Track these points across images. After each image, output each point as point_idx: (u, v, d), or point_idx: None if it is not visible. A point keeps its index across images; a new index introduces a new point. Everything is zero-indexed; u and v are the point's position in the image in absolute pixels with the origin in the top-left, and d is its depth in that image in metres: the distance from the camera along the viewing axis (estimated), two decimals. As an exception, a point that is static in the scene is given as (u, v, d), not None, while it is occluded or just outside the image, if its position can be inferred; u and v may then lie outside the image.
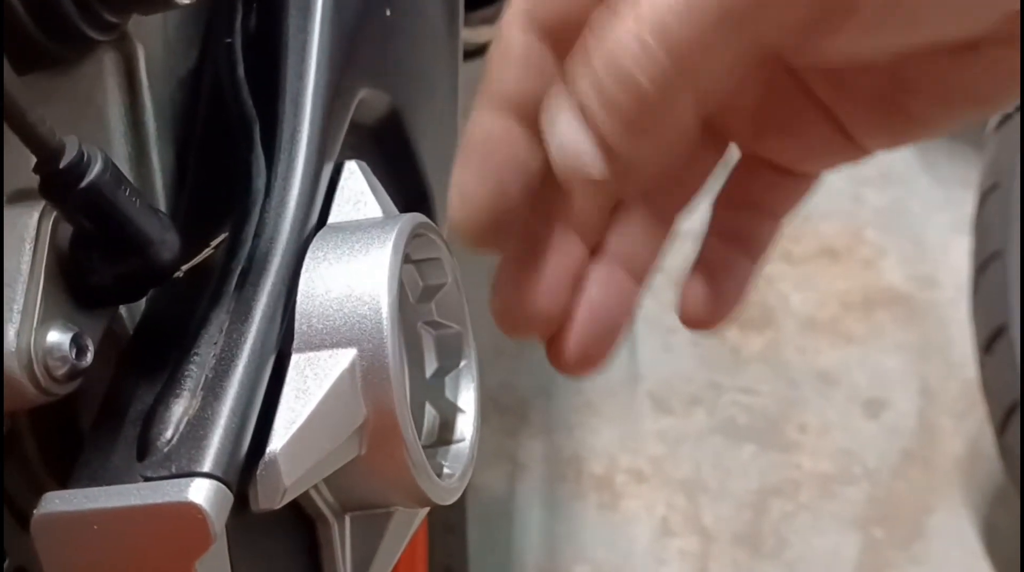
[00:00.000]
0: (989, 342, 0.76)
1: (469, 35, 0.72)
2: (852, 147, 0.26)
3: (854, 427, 0.93)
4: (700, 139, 0.25)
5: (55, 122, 0.25)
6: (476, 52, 0.70)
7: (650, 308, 1.04)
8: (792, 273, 1.06)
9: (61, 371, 0.22)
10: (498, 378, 0.97)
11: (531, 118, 0.22)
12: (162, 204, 0.29)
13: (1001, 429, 0.76)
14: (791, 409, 0.95)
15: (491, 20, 0.69)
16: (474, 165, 0.22)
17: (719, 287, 0.25)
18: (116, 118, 0.29)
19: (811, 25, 0.21)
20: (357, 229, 0.26)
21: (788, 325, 1.02)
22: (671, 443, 0.93)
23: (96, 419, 0.23)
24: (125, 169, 0.28)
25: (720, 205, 0.26)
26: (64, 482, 0.23)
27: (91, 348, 0.23)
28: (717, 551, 0.86)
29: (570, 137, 0.21)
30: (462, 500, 0.70)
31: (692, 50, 0.20)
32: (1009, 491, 0.78)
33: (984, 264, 0.78)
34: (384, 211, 0.28)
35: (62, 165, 0.21)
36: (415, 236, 0.27)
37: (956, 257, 0.99)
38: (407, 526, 0.27)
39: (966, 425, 0.92)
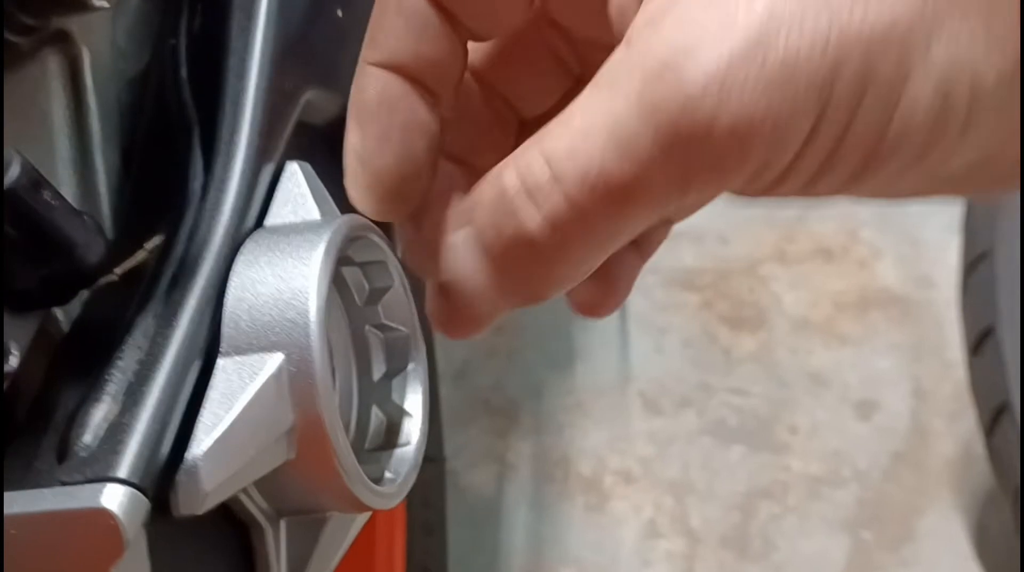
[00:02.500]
0: (977, 343, 0.76)
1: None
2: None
3: (845, 428, 0.92)
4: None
5: (-4, 125, 0.25)
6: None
7: (641, 308, 1.04)
8: (786, 273, 1.06)
9: (-17, 375, 0.22)
10: (489, 379, 0.97)
11: (423, 79, 0.21)
12: (106, 206, 0.29)
13: (989, 431, 0.75)
14: (782, 410, 0.94)
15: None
16: (373, 126, 0.21)
17: (609, 276, 0.24)
18: (60, 120, 0.29)
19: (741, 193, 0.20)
20: (291, 231, 0.26)
21: (781, 325, 1.01)
22: (660, 444, 0.93)
23: (23, 422, 0.23)
24: (68, 171, 0.29)
25: None
26: (-4, 484, 0.22)
27: (15, 352, 0.23)
28: (704, 553, 0.86)
29: (472, 280, 0.20)
30: (442, 501, 0.70)
31: (606, 231, 0.19)
32: (999, 493, 0.78)
33: (972, 265, 0.77)
34: (323, 213, 0.28)
35: (-24, 170, 0.21)
36: (355, 239, 0.27)
37: (951, 258, 0.98)
38: (345, 530, 0.27)
39: (958, 427, 0.91)
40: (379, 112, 0.21)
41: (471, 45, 0.22)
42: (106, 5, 0.23)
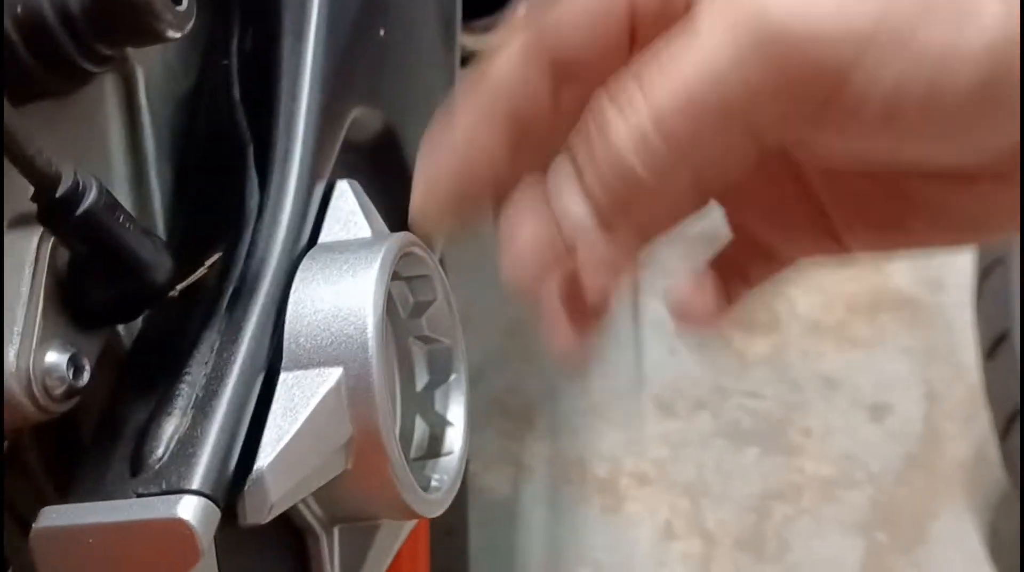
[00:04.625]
0: (992, 348, 0.76)
1: (470, 42, 0.73)
2: (833, 243, 0.26)
3: (858, 431, 0.93)
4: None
5: (57, 144, 0.26)
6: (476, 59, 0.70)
7: (656, 312, 1.04)
8: (799, 277, 1.06)
9: (59, 390, 0.23)
10: (505, 382, 0.98)
11: (513, 131, 0.23)
12: (160, 223, 0.30)
13: (1004, 435, 0.76)
14: (795, 413, 0.95)
15: (491, 28, 0.70)
16: (457, 154, 0.23)
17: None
18: (116, 139, 0.30)
19: (809, 125, 0.22)
20: (345, 250, 0.27)
21: (793, 329, 1.02)
22: (675, 446, 0.93)
23: (94, 435, 0.24)
24: (124, 189, 0.30)
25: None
26: (64, 492, 0.23)
27: (87, 368, 0.24)
28: (719, 554, 0.86)
29: (572, 210, 0.22)
30: (463, 504, 0.71)
31: (691, 143, 0.21)
32: (1012, 497, 0.78)
33: (987, 270, 0.78)
34: (373, 231, 0.29)
35: (58, 194, 0.22)
36: (404, 255, 0.28)
37: (962, 261, 0.98)
38: (394, 537, 0.28)
39: (971, 430, 0.92)
40: (467, 144, 0.23)
41: None
42: (178, 35, 0.24)
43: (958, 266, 1.04)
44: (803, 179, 0.26)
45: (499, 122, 0.23)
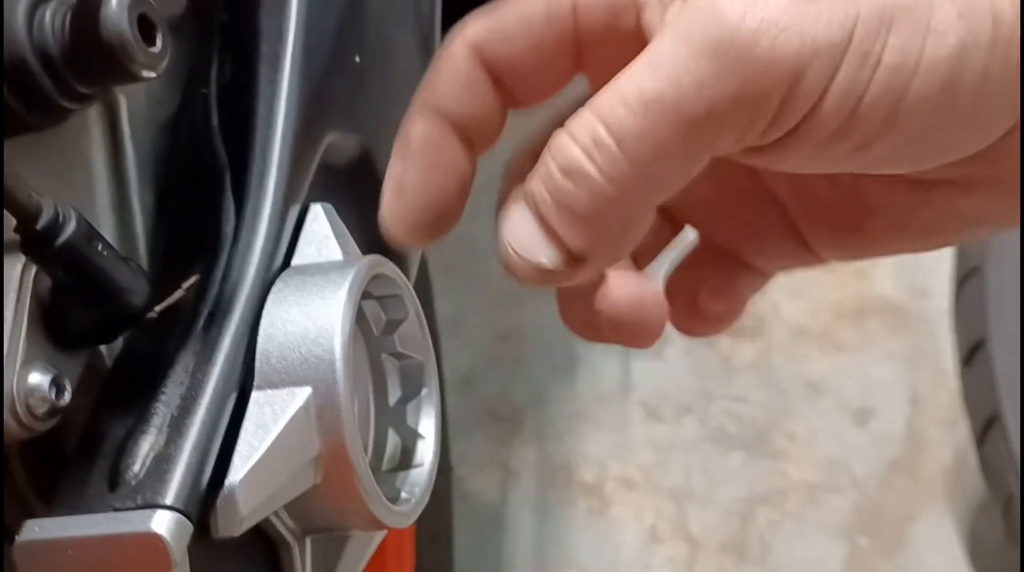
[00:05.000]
0: (968, 355, 0.78)
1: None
2: (806, 252, 0.27)
3: (842, 436, 0.94)
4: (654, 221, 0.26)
5: (42, 172, 0.27)
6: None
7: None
8: (785, 282, 1.08)
9: (41, 410, 0.24)
10: (493, 387, 0.99)
11: (464, 133, 0.24)
12: (142, 246, 0.31)
13: (981, 441, 0.77)
14: (780, 418, 0.96)
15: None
16: (415, 161, 0.23)
17: (737, 293, 0.26)
18: (100, 166, 0.31)
19: (765, 128, 0.21)
20: (316, 272, 0.28)
21: (780, 334, 1.03)
22: (661, 451, 0.95)
23: (75, 451, 0.26)
24: (107, 214, 0.31)
25: (674, 276, 0.27)
26: (47, 506, 0.25)
27: (69, 388, 0.25)
28: (703, 558, 0.88)
29: (524, 231, 0.22)
30: (449, 508, 0.72)
31: (649, 153, 0.21)
32: (992, 502, 0.80)
33: (964, 279, 0.79)
34: (345, 254, 0.30)
35: (39, 226, 0.23)
36: (375, 276, 0.29)
37: (947, 268, 1.00)
38: (365, 546, 0.29)
39: (954, 435, 0.93)
40: (422, 150, 0.24)
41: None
42: (153, 75, 0.25)
43: (943, 273, 1.05)
44: (768, 187, 0.26)
45: (448, 130, 0.23)
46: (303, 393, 0.26)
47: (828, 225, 0.26)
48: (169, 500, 0.23)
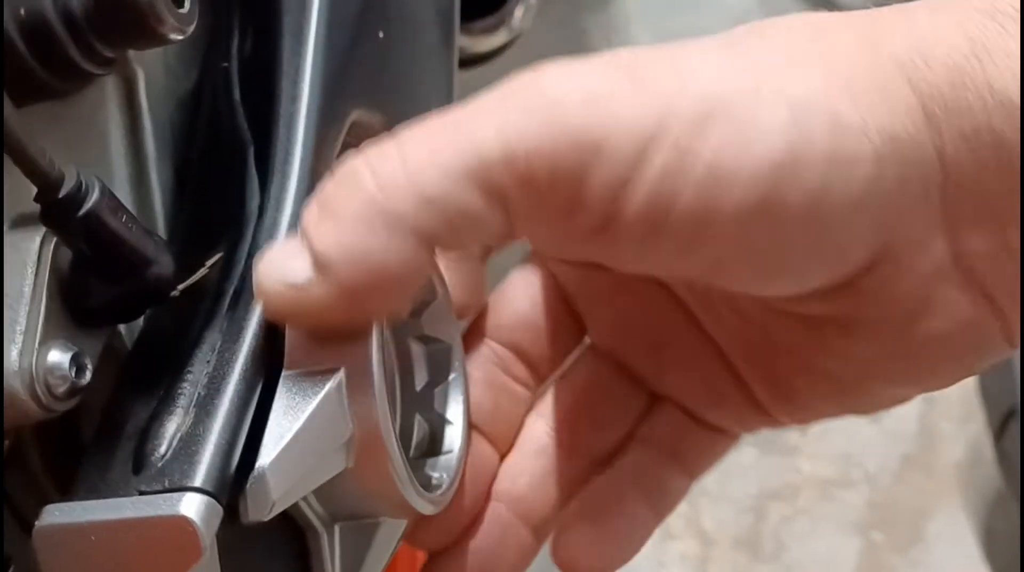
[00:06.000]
0: (987, 348, 0.77)
1: (469, 44, 0.73)
2: (761, 414, 0.26)
3: (855, 431, 0.93)
4: (616, 384, 0.26)
5: (58, 145, 0.26)
6: (476, 60, 0.71)
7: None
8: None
9: (61, 389, 0.23)
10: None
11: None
12: (161, 223, 0.30)
13: (999, 434, 0.76)
14: (792, 413, 0.96)
15: (491, 30, 0.70)
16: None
17: (611, 529, 0.24)
18: (117, 141, 0.30)
19: (565, 211, 0.21)
20: None
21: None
22: (672, 446, 0.94)
23: (96, 433, 0.25)
24: (125, 190, 0.30)
25: (631, 442, 0.26)
26: (65, 491, 0.24)
27: (90, 367, 0.24)
28: (717, 555, 0.87)
29: (277, 251, 0.22)
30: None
31: (433, 175, 0.20)
32: (1008, 496, 0.79)
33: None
34: (373, 231, 0.29)
35: (61, 195, 0.22)
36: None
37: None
38: (393, 536, 0.28)
39: (966, 430, 0.92)
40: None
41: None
42: (181, 38, 0.24)
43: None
44: (713, 339, 0.26)
45: None
46: (335, 374, 0.25)
47: (758, 370, 0.26)
48: (198, 482, 0.22)
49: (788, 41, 0.20)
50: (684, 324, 0.26)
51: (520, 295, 0.28)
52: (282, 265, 0.21)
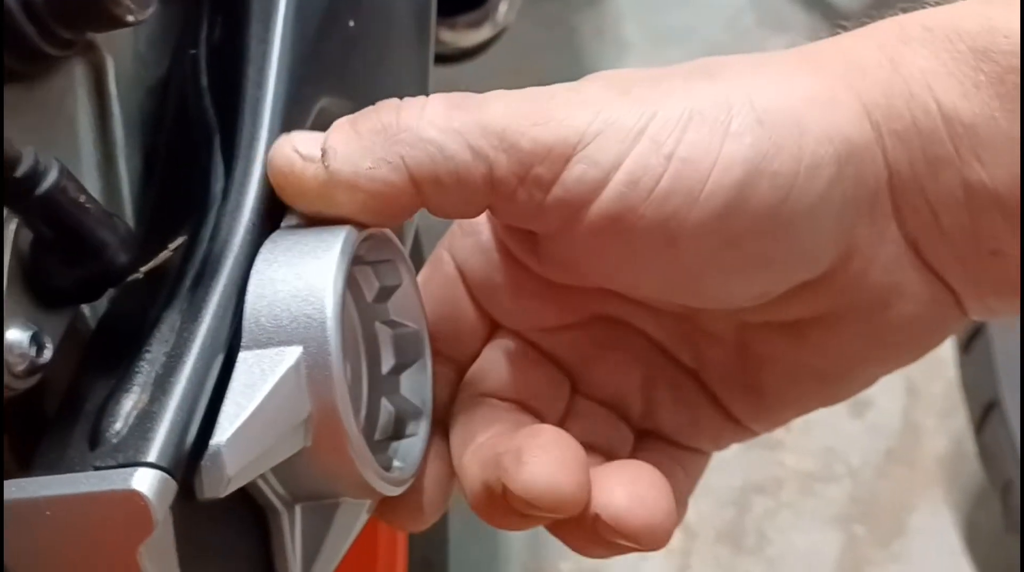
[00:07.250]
0: (967, 342, 0.77)
1: (453, 39, 0.73)
2: (739, 430, 0.28)
3: (838, 426, 0.94)
4: (612, 430, 0.28)
5: (27, 130, 0.26)
6: (460, 55, 0.71)
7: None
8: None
9: (20, 367, 0.24)
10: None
11: None
12: (129, 209, 0.30)
13: (979, 428, 0.77)
14: (777, 408, 0.96)
15: (475, 24, 0.70)
16: None
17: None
18: (85, 127, 0.30)
19: (537, 209, 0.24)
20: (307, 233, 0.27)
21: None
22: (657, 440, 0.94)
23: (56, 412, 0.25)
24: (94, 175, 0.30)
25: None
26: (27, 468, 0.24)
27: (50, 345, 0.24)
28: (699, 548, 0.87)
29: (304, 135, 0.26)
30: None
31: (441, 119, 0.25)
32: (989, 490, 0.79)
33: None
34: (336, 216, 0.29)
35: (18, 174, 0.23)
36: (367, 238, 0.29)
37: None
38: (355, 516, 0.28)
39: (949, 424, 0.93)
40: None
41: None
42: (137, 20, 0.24)
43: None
44: (680, 361, 0.28)
45: None
46: (293, 352, 0.25)
47: (732, 387, 0.27)
48: (152, 458, 0.22)
49: (748, 66, 0.23)
50: (665, 364, 0.28)
51: (502, 361, 0.30)
52: (301, 138, 0.26)
